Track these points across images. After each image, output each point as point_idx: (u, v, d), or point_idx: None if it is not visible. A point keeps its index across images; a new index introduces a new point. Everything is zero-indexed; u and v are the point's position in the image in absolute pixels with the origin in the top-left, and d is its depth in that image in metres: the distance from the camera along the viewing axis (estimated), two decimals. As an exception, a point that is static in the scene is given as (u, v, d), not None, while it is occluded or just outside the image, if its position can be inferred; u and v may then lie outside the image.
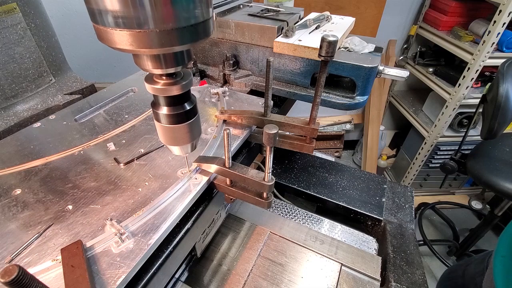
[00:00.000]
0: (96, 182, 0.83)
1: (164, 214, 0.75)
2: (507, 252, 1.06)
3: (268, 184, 0.78)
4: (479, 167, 2.23)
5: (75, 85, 1.37)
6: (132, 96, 1.22)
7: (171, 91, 0.60)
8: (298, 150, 1.01)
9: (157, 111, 0.65)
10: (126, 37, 0.46)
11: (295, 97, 1.21)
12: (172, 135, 0.69)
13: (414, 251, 1.13)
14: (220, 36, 1.27)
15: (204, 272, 1.09)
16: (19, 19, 1.14)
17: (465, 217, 3.48)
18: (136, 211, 0.75)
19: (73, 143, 0.96)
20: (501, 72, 1.88)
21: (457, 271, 1.58)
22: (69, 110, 1.12)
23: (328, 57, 0.77)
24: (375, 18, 3.12)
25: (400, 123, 4.08)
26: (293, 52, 1.11)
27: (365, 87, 1.10)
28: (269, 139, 0.68)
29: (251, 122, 1.00)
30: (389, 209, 1.32)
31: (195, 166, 0.87)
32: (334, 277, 1.07)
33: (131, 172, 0.87)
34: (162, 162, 0.90)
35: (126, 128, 1.03)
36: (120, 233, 0.68)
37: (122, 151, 0.94)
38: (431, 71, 3.08)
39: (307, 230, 1.22)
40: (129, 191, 0.81)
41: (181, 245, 0.79)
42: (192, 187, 0.82)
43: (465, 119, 2.93)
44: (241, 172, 0.80)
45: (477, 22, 2.70)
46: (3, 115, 1.15)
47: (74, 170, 0.87)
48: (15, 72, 1.16)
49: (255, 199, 0.84)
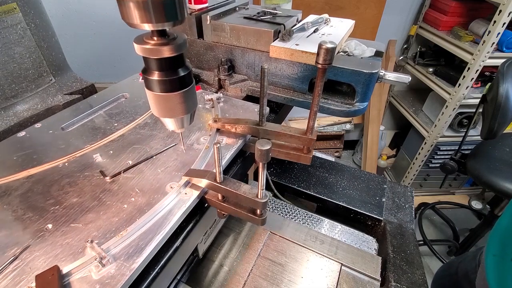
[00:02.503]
0: (79, 197, 0.76)
1: (150, 234, 0.68)
2: (498, 250, 1.01)
3: (262, 202, 0.71)
4: (479, 167, 2.20)
5: (75, 85, 1.34)
6: (123, 103, 1.14)
7: (163, 52, 0.54)
8: (295, 161, 0.94)
9: (148, 76, 0.59)
10: None
11: (292, 103, 1.13)
12: (165, 105, 0.63)
13: (414, 251, 1.11)
14: (215, 39, 1.19)
15: (204, 273, 1.06)
16: (19, 19, 1.11)
17: (465, 217, 3.43)
18: (120, 230, 0.68)
19: (58, 154, 0.89)
20: (501, 72, 1.85)
21: (450, 268, 1.54)
22: (56, 118, 1.05)
23: (326, 64, 0.70)
24: (375, 18, 3.07)
25: (400, 123, 4.03)
26: (290, 57, 1.03)
27: (365, 93, 1.02)
28: (261, 155, 0.61)
29: (245, 131, 0.93)
30: (389, 209, 1.30)
31: (185, 180, 0.80)
32: (334, 277, 1.04)
33: (117, 186, 0.80)
34: (151, 175, 0.83)
35: (115, 138, 0.95)
36: (100, 257, 0.62)
37: (109, 162, 0.87)
38: (431, 71, 3.02)
39: (307, 230, 1.19)
40: (114, 208, 0.74)
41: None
42: (181, 203, 0.75)
43: (465, 119, 2.88)
44: (233, 187, 0.73)
45: (477, 22, 2.64)
46: (3, 115, 1.12)
47: (57, 184, 0.80)
48: (15, 72, 1.13)
49: (248, 215, 0.77)
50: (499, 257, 0.99)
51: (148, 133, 0.98)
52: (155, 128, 1.00)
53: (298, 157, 0.92)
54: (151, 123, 1.03)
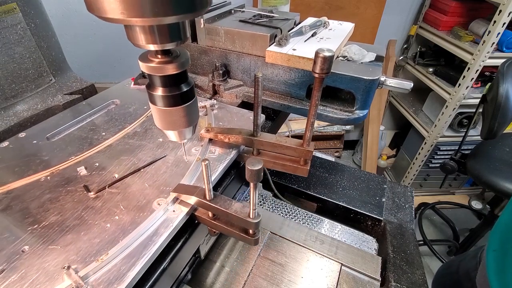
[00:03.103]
0: (60, 215, 0.70)
1: (133, 258, 0.62)
2: (498, 246, 1.00)
3: (254, 222, 0.65)
4: (479, 167, 2.19)
5: (75, 85, 1.31)
6: (112, 110, 1.08)
7: (167, 70, 0.54)
8: (291, 172, 0.88)
9: (152, 92, 0.59)
10: (116, 5, 0.41)
11: (289, 110, 1.06)
12: (168, 119, 0.63)
13: (414, 251, 1.09)
14: (209, 43, 1.13)
15: (206, 274, 1.02)
16: (19, 19, 1.09)
17: (465, 217, 3.39)
18: (101, 253, 0.62)
19: (41, 166, 0.83)
20: (501, 72, 1.83)
21: (451, 267, 1.52)
22: (42, 126, 0.98)
23: (323, 74, 0.63)
24: (375, 18, 3.02)
25: (400, 123, 3.98)
26: (287, 63, 0.97)
27: (366, 100, 0.95)
28: (252, 175, 0.55)
29: (239, 142, 0.86)
30: (389, 209, 1.26)
31: (173, 196, 0.73)
32: (334, 277, 1.02)
33: (101, 202, 0.73)
34: (137, 190, 0.76)
35: (101, 148, 0.89)
36: (77, 285, 0.56)
37: (94, 176, 0.80)
38: (431, 71, 2.99)
39: (307, 230, 1.16)
40: (96, 228, 0.68)
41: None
42: (168, 222, 0.69)
43: (465, 119, 2.85)
44: (224, 206, 0.67)
45: (477, 22, 2.62)
46: (3, 115, 1.09)
47: (38, 201, 0.74)
48: (15, 72, 1.11)
49: (240, 235, 0.71)
50: (499, 252, 0.98)
51: (137, 143, 0.92)
52: (145, 137, 0.94)
53: (294, 169, 0.86)
54: (141, 132, 0.96)
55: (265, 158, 0.88)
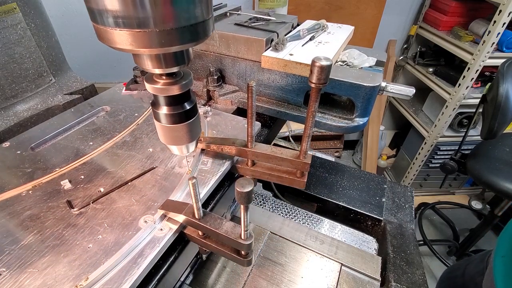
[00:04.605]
0: (40, 234, 0.64)
1: (115, 283, 0.56)
2: (507, 252, 0.99)
3: (246, 244, 0.59)
4: (479, 167, 2.15)
5: (75, 85, 1.28)
6: (102, 117, 1.01)
7: (171, 90, 0.56)
8: (287, 185, 0.82)
9: (157, 110, 0.60)
10: (126, 37, 0.43)
11: (286, 117, 1.00)
12: (172, 135, 0.64)
13: (414, 251, 1.08)
14: (204, 48, 1.06)
15: (207, 274, 1.00)
16: (19, 19, 1.07)
17: (465, 217, 3.34)
18: (81, 277, 0.56)
19: (23, 179, 0.77)
20: (501, 72, 1.80)
21: (457, 270, 1.50)
22: (27, 135, 0.92)
23: (321, 84, 0.57)
24: (375, 18, 2.96)
25: (400, 123, 3.92)
26: (284, 68, 0.90)
27: (366, 108, 0.89)
28: (242, 198, 0.49)
29: (232, 153, 0.80)
30: (389, 209, 1.26)
31: (161, 213, 0.67)
32: (334, 277, 1.01)
33: (85, 220, 0.67)
34: (123, 206, 0.70)
35: (88, 160, 0.82)
36: (51, 317, 0.50)
37: (79, 190, 0.74)
38: (431, 71, 2.94)
39: (307, 230, 1.15)
40: (77, 248, 0.62)
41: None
42: (154, 242, 0.63)
43: (465, 119, 2.81)
44: (214, 225, 0.61)
45: (477, 22, 2.58)
46: (3, 115, 1.08)
47: (17, 218, 0.68)
48: (15, 72, 1.09)
49: (232, 255, 0.65)
50: (508, 258, 0.97)
51: (126, 154, 0.85)
52: (134, 147, 0.88)
53: (291, 181, 0.80)
54: (130, 142, 0.90)
55: (260, 170, 0.82)
